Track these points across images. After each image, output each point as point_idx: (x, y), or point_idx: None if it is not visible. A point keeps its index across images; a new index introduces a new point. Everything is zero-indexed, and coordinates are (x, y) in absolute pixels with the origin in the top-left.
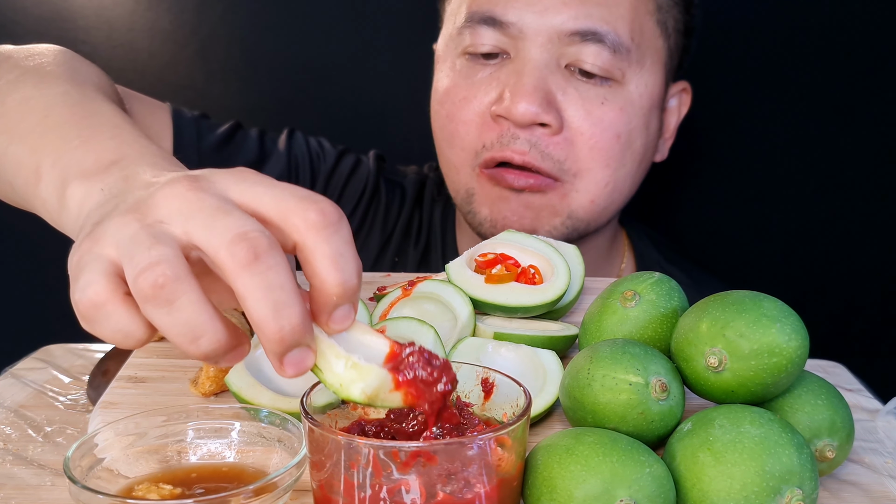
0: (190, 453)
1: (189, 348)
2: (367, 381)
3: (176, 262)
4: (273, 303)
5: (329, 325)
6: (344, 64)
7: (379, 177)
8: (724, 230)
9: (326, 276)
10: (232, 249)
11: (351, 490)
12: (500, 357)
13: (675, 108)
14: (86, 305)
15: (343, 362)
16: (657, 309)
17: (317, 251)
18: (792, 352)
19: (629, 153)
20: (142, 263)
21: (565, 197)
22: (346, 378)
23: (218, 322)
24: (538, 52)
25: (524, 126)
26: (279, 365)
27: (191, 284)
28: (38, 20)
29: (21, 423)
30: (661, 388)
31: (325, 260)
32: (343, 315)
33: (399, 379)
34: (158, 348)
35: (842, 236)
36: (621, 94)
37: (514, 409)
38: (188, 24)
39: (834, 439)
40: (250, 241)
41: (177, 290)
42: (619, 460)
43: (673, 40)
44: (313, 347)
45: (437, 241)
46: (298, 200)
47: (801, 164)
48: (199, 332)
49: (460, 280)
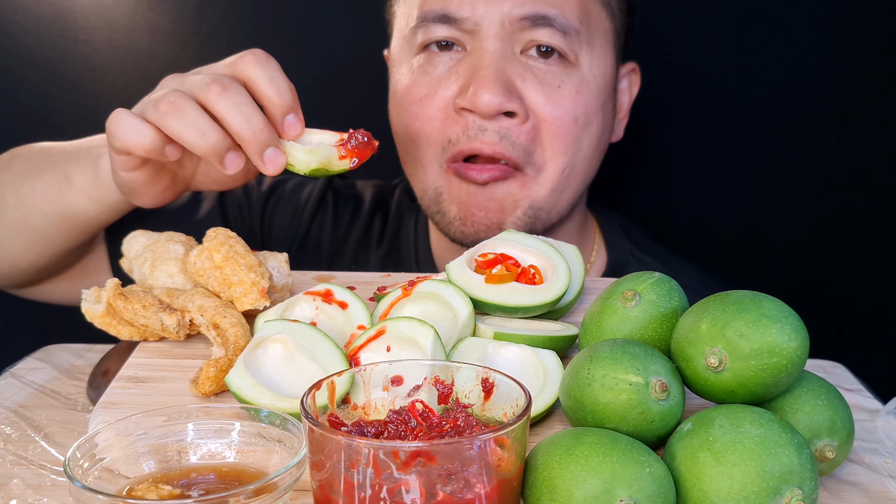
0: (190, 453)
1: (199, 142)
2: (320, 157)
3: (180, 93)
4: (243, 115)
5: (284, 132)
6: (344, 64)
7: (327, 190)
8: (725, 229)
9: (266, 92)
10: (209, 88)
11: (351, 490)
12: (500, 357)
13: (626, 88)
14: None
15: (304, 152)
16: (657, 309)
17: (257, 79)
18: (792, 352)
19: (586, 136)
20: (157, 96)
21: (525, 186)
22: (306, 160)
23: (217, 126)
24: (493, 42)
25: (490, 117)
26: (261, 163)
27: (193, 104)
28: (38, 20)
29: (21, 423)
30: (661, 388)
31: (263, 83)
32: (291, 122)
33: (342, 153)
34: (158, 348)
35: (842, 236)
36: (576, 76)
37: (514, 410)
38: (188, 25)
39: (834, 439)
40: (218, 81)
41: (184, 104)
42: (619, 460)
43: (619, 20)
44: (283, 150)
45: (409, 248)
46: (237, 56)
47: (803, 163)
48: (204, 129)
49: (460, 280)
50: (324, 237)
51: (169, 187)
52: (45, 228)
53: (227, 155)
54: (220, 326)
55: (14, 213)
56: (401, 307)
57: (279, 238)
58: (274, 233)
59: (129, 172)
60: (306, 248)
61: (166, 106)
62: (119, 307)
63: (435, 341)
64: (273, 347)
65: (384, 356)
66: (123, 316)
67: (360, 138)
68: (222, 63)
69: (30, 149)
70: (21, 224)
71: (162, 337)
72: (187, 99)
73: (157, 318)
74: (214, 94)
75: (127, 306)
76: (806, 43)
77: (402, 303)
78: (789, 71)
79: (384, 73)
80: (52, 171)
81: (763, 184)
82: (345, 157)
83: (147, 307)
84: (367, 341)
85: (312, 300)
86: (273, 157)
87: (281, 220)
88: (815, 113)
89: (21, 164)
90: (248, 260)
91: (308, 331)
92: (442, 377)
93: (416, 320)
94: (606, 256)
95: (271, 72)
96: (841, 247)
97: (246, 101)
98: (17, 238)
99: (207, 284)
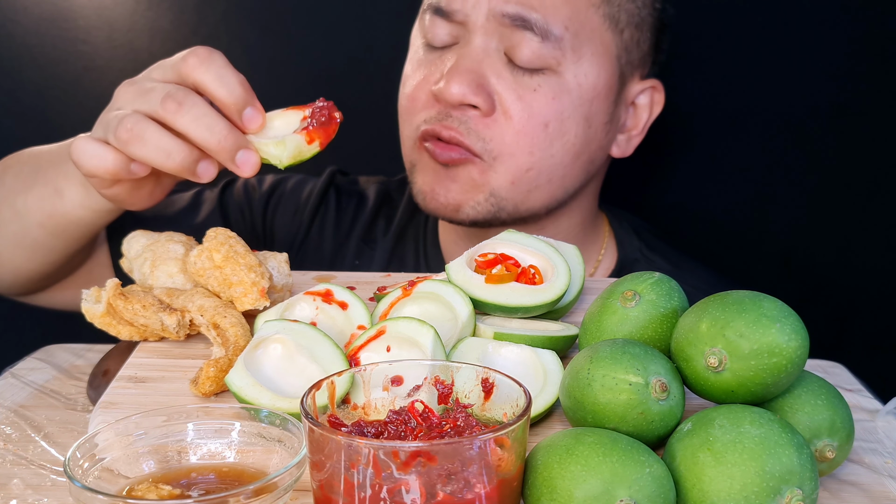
0: (190, 453)
1: (167, 163)
2: (288, 149)
3: (138, 116)
4: (205, 126)
5: (245, 127)
6: (345, 64)
7: (328, 188)
8: (725, 229)
9: (217, 93)
10: (165, 106)
11: (351, 490)
12: (500, 357)
13: (645, 105)
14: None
15: (272, 146)
16: (657, 309)
17: (204, 81)
18: (792, 352)
19: (559, 143)
20: (114, 124)
21: (484, 173)
22: (277, 153)
23: (181, 142)
24: (480, 38)
25: (454, 106)
26: (235, 167)
27: (152, 125)
28: (38, 20)
29: (21, 423)
30: (661, 388)
31: (211, 84)
32: (249, 116)
33: (308, 138)
34: (158, 348)
35: (842, 236)
36: (557, 82)
37: (513, 410)
38: (188, 24)
39: (834, 439)
40: (171, 96)
41: (143, 129)
42: (619, 460)
43: (628, 34)
44: (253, 148)
45: (415, 244)
46: (181, 59)
47: (803, 163)
48: (169, 150)
49: (460, 280)
50: (326, 234)
51: (155, 190)
52: (43, 239)
53: (197, 166)
54: (220, 326)
55: (11, 226)
56: (401, 307)
57: (281, 236)
58: (276, 231)
59: (107, 189)
60: (308, 245)
61: (125, 134)
62: (119, 307)
63: (435, 341)
64: (273, 347)
65: (384, 356)
66: (123, 316)
67: (321, 117)
68: (170, 65)
69: (18, 158)
70: (20, 237)
71: (162, 337)
72: (146, 122)
73: (157, 318)
74: (172, 112)
75: (127, 306)
76: (806, 43)
77: (402, 303)
78: (790, 71)
79: (383, 72)
80: (42, 184)
81: (763, 184)
82: (313, 140)
83: (147, 307)
84: (367, 341)
85: (312, 300)
86: (245, 158)
87: (283, 218)
88: (816, 113)
89: (12, 177)
90: (248, 260)
91: (308, 331)
92: (442, 377)
93: (416, 320)
94: (616, 255)
95: (217, 70)
96: (841, 247)
97: (204, 111)
98: (17, 250)
99: (207, 284)
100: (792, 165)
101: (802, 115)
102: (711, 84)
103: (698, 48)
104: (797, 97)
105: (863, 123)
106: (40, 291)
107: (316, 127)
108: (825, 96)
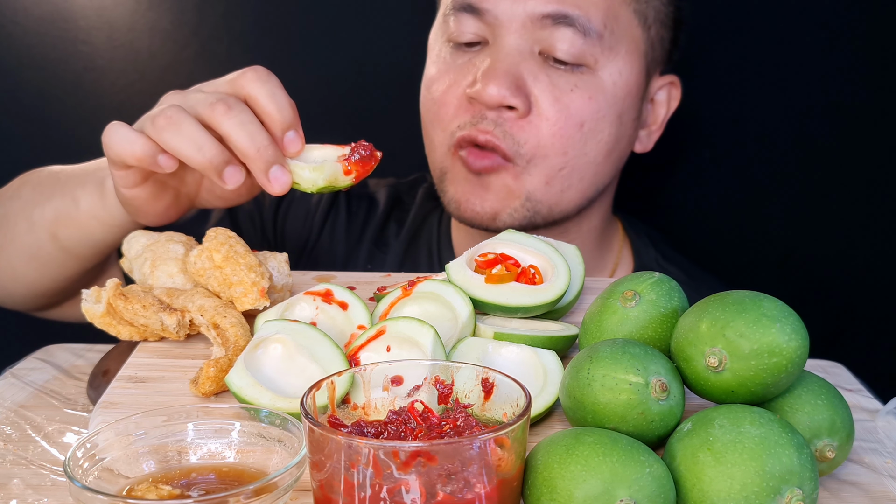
0: (190, 453)
1: (196, 156)
2: (325, 174)
3: (179, 108)
4: (247, 133)
5: (284, 149)
6: (345, 64)
7: (338, 191)
8: (724, 229)
9: (267, 108)
10: (214, 107)
11: (351, 490)
12: (500, 357)
13: (663, 101)
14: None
15: (308, 170)
16: (657, 309)
17: (258, 95)
18: (792, 352)
19: (592, 142)
20: (155, 112)
21: (518, 178)
22: (312, 177)
23: (215, 140)
24: (513, 38)
25: (492, 108)
26: (267, 181)
27: (190, 118)
28: (38, 20)
29: (21, 423)
30: (661, 388)
31: (264, 99)
32: (291, 139)
33: (347, 167)
34: (158, 348)
35: (842, 236)
36: (592, 82)
37: (514, 410)
38: (189, 25)
39: (834, 439)
40: (223, 100)
41: (181, 119)
42: (619, 460)
43: (654, 31)
44: (287, 168)
45: (429, 247)
46: (239, 73)
47: (802, 163)
48: (201, 143)
49: (460, 280)
50: (337, 239)
51: (172, 205)
52: (56, 253)
53: (225, 169)
54: (220, 326)
55: (27, 238)
56: (401, 307)
57: (292, 242)
58: (287, 237)
59: (130, 189)
60: (319, 250)
61: (163, 121)
62: (119, 307)
63: (435, 341)
64: (273, 347)
65: (384, 356)
66: (123, 316)
67: (363, 152)
68: (223, 80)
69: (38, 174)
70: (34, 249)
71: (162, 337)
72: (185, 114)
73: (157, 318)
74: (220, 113)
75: (127, 306)
76: (806, 43)
77: (402, 303)
78: (790, 71)
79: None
80: (59, 196)
81: (763, 184)
82: (350, 172)
83: (147, 307)
84: (367, 341)
85: (312, 300)
86: (278, 175)
87: (293, 223)
88: (816, 113)
89: (30, 190)
90: (248, 260)
91: (308, 331)
92: (442, 377)
93: (416, 320)
94: (632, 262)
95: (272, 88)
96: (841, 247)
97: (250, 118)
98: (31, 263)
99: (207, 284)
100: (791, 165)
101: (801, 116)
102: (711, 84)
103: (698, 48)
104: (796, 98)
105: (863, 124)
106: (53, 308)
107: (356, 160)
108: (825, 96)
